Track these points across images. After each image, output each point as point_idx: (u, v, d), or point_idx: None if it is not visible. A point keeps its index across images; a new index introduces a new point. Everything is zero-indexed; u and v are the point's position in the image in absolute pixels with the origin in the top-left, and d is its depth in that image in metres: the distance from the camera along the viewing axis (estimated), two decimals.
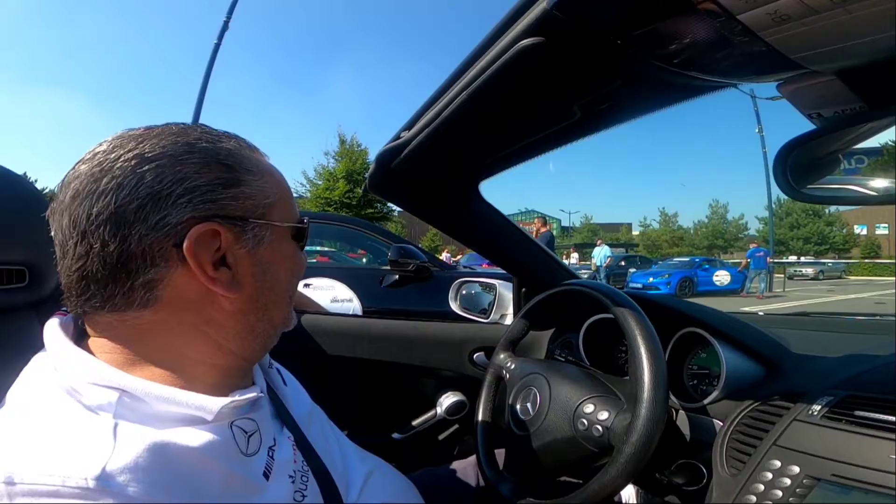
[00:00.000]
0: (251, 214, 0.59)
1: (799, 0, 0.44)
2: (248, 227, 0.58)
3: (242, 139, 0.64)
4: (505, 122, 0.86)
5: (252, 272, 0.59)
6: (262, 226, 0.60)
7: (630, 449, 0.75)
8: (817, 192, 0.72)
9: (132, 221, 0.51)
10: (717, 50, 0.56)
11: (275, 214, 0.62)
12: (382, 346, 1.51)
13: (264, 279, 0.61)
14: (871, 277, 29.68)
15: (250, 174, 0.60)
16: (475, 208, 1.28)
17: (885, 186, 0.65)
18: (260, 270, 0.60)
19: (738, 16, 0.48)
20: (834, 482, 0.66)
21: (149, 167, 0.52)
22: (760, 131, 18.31)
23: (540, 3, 0.54)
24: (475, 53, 0.68)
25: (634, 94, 0.72)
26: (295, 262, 0.66)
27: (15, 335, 0.79)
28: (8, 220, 0.78)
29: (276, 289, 0.63)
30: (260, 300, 0.61)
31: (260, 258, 0.60)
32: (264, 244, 0.60)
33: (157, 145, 0.54)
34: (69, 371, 0.52)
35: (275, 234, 0.61)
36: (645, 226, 50.54)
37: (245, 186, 0.59)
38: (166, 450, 0.48)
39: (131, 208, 0.51)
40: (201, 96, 12.12)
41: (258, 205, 0.60)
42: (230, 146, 0.60)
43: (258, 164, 0.62)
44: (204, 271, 0.54)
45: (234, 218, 0.57)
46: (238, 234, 0.57)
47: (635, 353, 0.82)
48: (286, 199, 0.64)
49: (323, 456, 0.70)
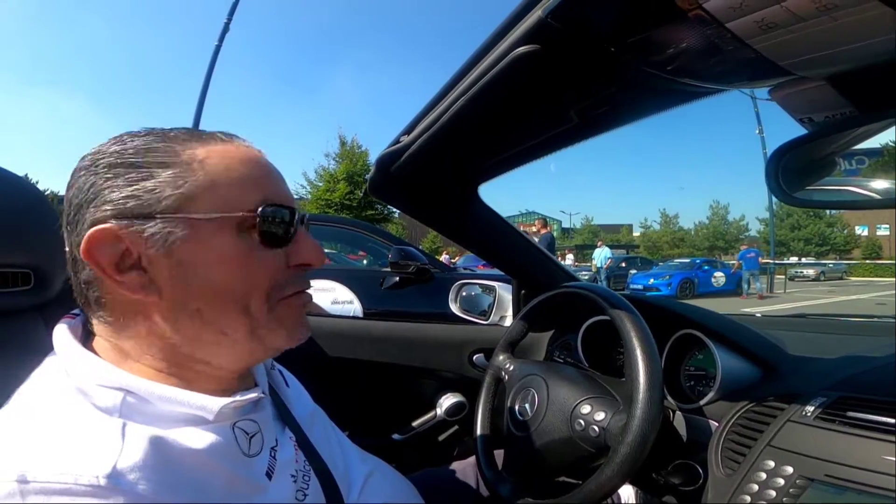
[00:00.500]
0: (156, 210, 0.53)
1: (785, 8, 0.44)
2: (153, 225, 0.53)
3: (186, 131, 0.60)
4: (503, 126, 0.87)
5: (171, 275, 0.54)
6: (172, 221, 0.54)
7: (626, 449, 0.76)
8: (814, 194, 0.72)
9: (71, 229, 0.55)
10: (708, 57, 0.57)
11: (198, 206, 0.54)
12: (383, 347, 1.52)
13: (189, 283, 0.55)
14: (872, 278, 29.62)
15: (162, 167, 0.55)
16: (475, 211, 1.29)
17: (885, 188, 0.65)
18: (181, 273, 0.54)
19: (727, 24, 0.49)
20: (827, 482, 0.66)
21: (79, 177, 0.55)
22: (761, 132, 18.27)
23: (535, 11, 0.56)
24: (472, 60, 0.69)
25: (630, 100, 0.73)
26: (244, 262, 0.56)
27: (21, 337, 0.79)
28: (14, 224, 0.78)
29: (210, 295, 0.55)
30: (189, 307, 0.55)
31: (180, 259, 0.54)
32: (182, 242, 0.54)
33: (88, 154, 0.57)
34: (78, 373, 0.52)
35: (198, 229, 0.55)
36: (646, 227, 50.47)
37: (149, 180, 0.54)
38: (171, 450, 0.49)
39: (70, 216, 0.55)
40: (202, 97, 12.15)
41: (164, 197, 0.54)
42: (142, 141, 0.56)
43: (182, 154, 0.56)
44: (107, 274, 0.53)
45: (134, 216, 0.53)
46: (140, 233, 0.53)
47: (631, 355, 0.83)
48: (223, 186, 0.56)
49: (325, 456, 0.71)
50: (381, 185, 1.15)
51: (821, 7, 0.43)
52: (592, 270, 18.42)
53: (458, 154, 1.02)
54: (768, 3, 0.44)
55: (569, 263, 22.30)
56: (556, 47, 0.59)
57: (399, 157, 1.00)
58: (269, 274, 0.58)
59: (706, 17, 0.48)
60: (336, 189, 23.07)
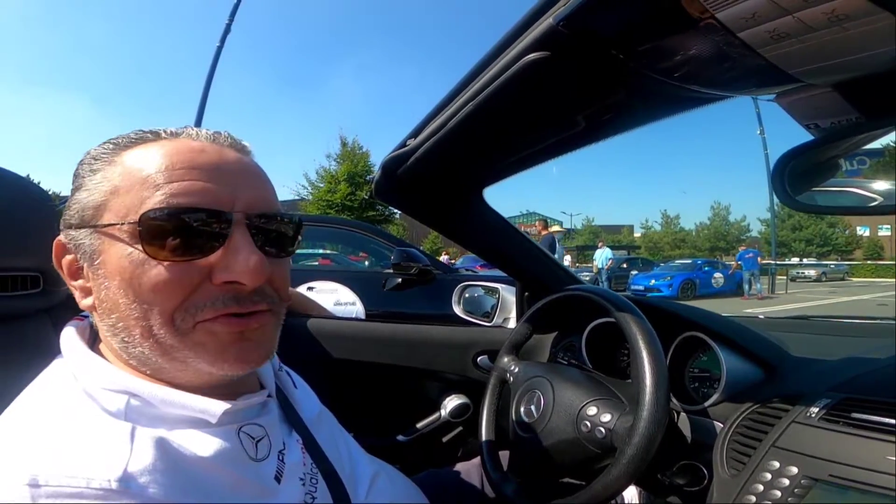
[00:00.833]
0: (78, 220, 0.54)
1: (797, 19, 0.45)
2: (80, 235, 0.54)
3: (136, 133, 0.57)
4: (510, 131, 0.88)
5: (95, 287, 0.54)
6: (89, 231, 0.53)
7: (632, 450, 0.77)
8: (818, 197, 0.73)
9: None
10: (717, 65, 0.58)
11: (104, 215, 0.52)
12: (387, 349, 1.53)
13: (103, 298, 0.53)
14: (874, 279, 29.56)
15: (91, 174, 0.54)
16: (479, 214, 1.30)
17: (886, 189, 0.65)
18: (98, 286, 0.54)
19: (739, 34, 0.49)
20: (831, 482, 0.67)
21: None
22: (762, 132, 18.28)
23: (545, 18, 0.56)
24: (481, 65, 0.70)
25: (637, 105, 0.74)
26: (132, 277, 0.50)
27: (30, 339, 0.81)
28: (23, 227, 0.79)
29: (118, 312, 0.52)
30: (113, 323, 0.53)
31: (97, 270, 0.53)
32: (97, 253, 0.53)
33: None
34: (84, 376, 0.53)
35: (103, 239, 0.52)
36: (647, 228, 50.37)
37: (82, 191, 0.54)
38: (178, 453, 0.50)
39: None
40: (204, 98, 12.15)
41: (84, 207, 0.53)
42: (96, 151, 0.56)
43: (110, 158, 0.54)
44: (68, 281, 0.57)
45: (70, 227, 0.55)
46: (77, 245, 0.54)
47: (637, 357, 0.84)
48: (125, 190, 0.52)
49: (331, 458, 0.71)
50: (386, 188, 1.16)
51: (832, 18, 0.44)
52: (594, 271, 18.39)
53: (465, 158, 1.03)
54: (781, 13, 0.45)
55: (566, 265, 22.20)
56: (566, 54, 0.60)
57: (405, 160, 1.01)
58: (172, 292, 0.51)
59: (717, 26, 0.49)
60: (337, 190, 23.00)
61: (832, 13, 0.44)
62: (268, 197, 0.58)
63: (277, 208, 0.59)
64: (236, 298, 0.53)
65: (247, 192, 0.55)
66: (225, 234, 0.52)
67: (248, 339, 0.54)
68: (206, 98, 12.16)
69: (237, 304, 0.53)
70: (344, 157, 24.00)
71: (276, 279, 0.57)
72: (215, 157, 0.55)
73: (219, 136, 0.58)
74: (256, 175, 0.59)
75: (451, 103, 0.80)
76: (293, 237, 0.60)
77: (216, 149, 0.56)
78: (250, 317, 0.54)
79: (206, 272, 0.52)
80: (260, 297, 0.55)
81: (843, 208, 0.71)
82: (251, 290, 0.53)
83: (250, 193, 0.55)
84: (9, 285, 0.79)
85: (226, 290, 0.52)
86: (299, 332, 1.48)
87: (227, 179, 0.54)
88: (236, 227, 0.53)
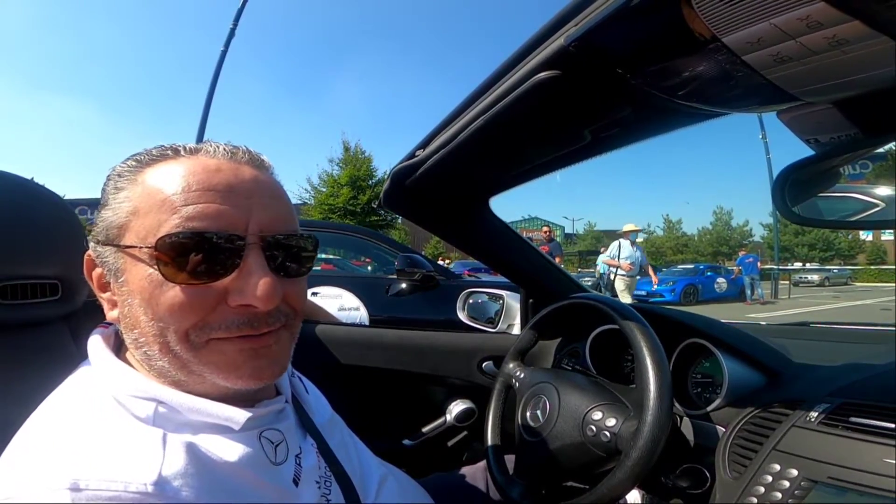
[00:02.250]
0: (108, 238, 0.55)
1: (799, 43, 0.47)
2: (106, 253, 0.56)
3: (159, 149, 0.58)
4: (519, 145, 0.90)
5: (119, 302, 0.56)
6: (114, 250, 0.55)
7: (637, 453, 0.79)
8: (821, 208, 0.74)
9: None
10: (720, 85, 0.60)
11: (127, 236, 0.54)
12: (394, 355, 1.54)
13: (126, 314, 0.56)
14: (877, 283, 29.41)
15: (116, 192, 0.55)
16: (486, 223, 1.32)
17: (889, 195, 0.67)
18: (122, 303, 0.56)
19: (743, 56, 0.51)
20: (830, 484, 0.69)
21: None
22: (764, 137, 18.24)
23: (556, 39, 0.58)
24: (491, 80, 0.72)
25: (642, 121, 0.76)
26: (151, 298, 0.52)
27: (49, 346, 0.82)
28: (42, 237, 0.81)
29: (139, 326, 0.54)
30: (136, 338, 0.55)
31: (121, 287, 0.55)
32: (120, 272, 0.55)
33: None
34: (113, 383, 0.54)
35: (125, 259, 0.54)
36: (649, 233, 50.23)
37: (108, 208, 0.56)
38: (207, 458, 0.52)
39: None
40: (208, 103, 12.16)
41: (108, 227, 0.55)
42: (122, 168, 0.57)
43: (134, 177, 0.55)
44: (98, 293, 0.60)
45: (97, 243, 0.57)
46: (104, 261, 0.57)
47: (641, 364, 0.86)
48: (144, 212, 0.53)
49: (343, 461, 0.73)
50: (395, 197, 1.18)
51: (832, 42, 0.46)
52: (596, 276, 18.27)
53: (473, 170, 1.05)
54: (784, 38, 0.47)
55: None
56: (576, 73, 0.62)
57: (414, 171, 1.03)
58: (187, 313, 0.52)
59: (722, 48, 0.51)
60: (339, 194, 22.97)
61: (833, 37, 0.46)
62: (283, 216, 0.58)
63: (294, 227, 0.59)
64: (250, 321, 0.54)
65: (261, 212, 0.55)
66: (239, 256, 0.53)
67: (261, 357, 0.55)
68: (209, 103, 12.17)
69: (250, 327, 0.54)
70: (346, 161, 23.99)
71: (291, 297, 0.58)
72: (231, 176, 0.55)
73: (237, 151, 0.58)
74: (272, 193, 0.58)
75: (460, 117, 0.82)
76: (310, 255, 0.61)
77: (232, 167, 0.56)
78: (264, 336, 0.55)
79: (222, 294, 0.53)
80: (274, 318, 0.56)
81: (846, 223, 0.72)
82: (265, 313, 0.54)
83: (265, 214, 0.55)
84: (28, 293, 0.80)
85: (240, 313, 0.53)
86: (308, 339, 1.49)
87: (242, 201, 0.54)
88: (250, 250, 0.53)
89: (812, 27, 0.45)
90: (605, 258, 9.47)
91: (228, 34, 12.39)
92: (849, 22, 0.43)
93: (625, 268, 9.15)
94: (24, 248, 0.79)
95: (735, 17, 0.46)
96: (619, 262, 9.18)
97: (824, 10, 0.42)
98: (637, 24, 0.52)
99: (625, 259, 9.15)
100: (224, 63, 12.47)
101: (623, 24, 0.52)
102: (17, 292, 0.78)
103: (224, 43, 12.43)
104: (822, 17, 0.43)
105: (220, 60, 12.47)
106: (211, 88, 12.32)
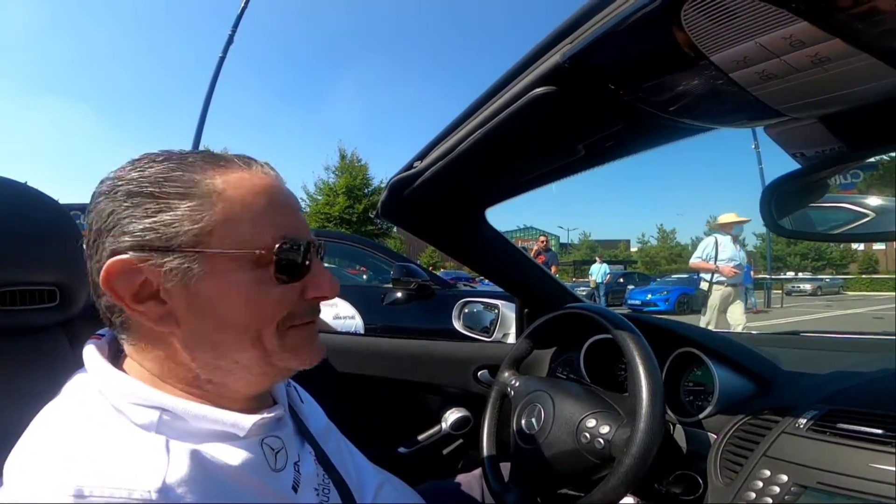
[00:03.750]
0: (174, 244, 0.53)
1: (784, 62, 0.50)
2: (171, 259, 0.53)
3: (205, 156, 0.59)
4: (515, 157, 0.92)
5: (189, 308, 0.55)
6: (190, 256, 0.54)
7: (630, 460, 0.80)
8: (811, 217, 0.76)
9: (91, 254, 0.56)
10: (709, 101, 0.62)
11: (215, 241, 0.54)
12: (389, 363, 1.55)
13: (205, 317, 0.55)
14: (869, 293, 29.58)
15: (181, 198, 0.54)
16: (481, 233, 1.34)
17: (879, 204, 0.68)
18: (199, 307, 0.55)
19: (730, 74, 0.54)
20: (819, 489, 0.70)
21: (99, 202, 0.55)
22: (756, 147, 18.34)
23: (552, 55, 0.61)
24: (488, 94, 0.74)
25: (635, 135, 0.78)
26: (257, 298, 0.56)
27: (45, 353, 0.81)
28: (40, 241, 0.80)
29: (225, 329, 0.56)
30: (206, 339, 0.56)
31: (197, 293, 0.54)
32: (200, 277, 0.54)
33: (107, 179, 0.56)
34: (112, 392, 0.54)
35: (214, 264, 0.54)
36: (643, 242, 50.35)
37: (168, 213, 0.53)
38: (210, 464, 0.52)
39: (91, 241, 0.56)
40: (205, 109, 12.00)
41: (183, 232, 0.53)
42: (161, 169, 0.56)
43: (200, 184, 0.55)
44: (126, 304, 0.54)
45: (153, 250, 0.53)
46: (159, 267, 0.53)
47: (634, 373, 0.87)
48: (238, 221, 0.55)
49: (340, 469, 0.73)
50: (392, 208, 1.19)
51: (815, 60, 0.48)
52: (591, 286, 18.31)
53: (470, 181, 1.06)
54: (769, 56, 0.49)
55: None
56: (571, 89, 0.64)
57: (412, 182, 1.04)
58: (283, 307, 0.58)
59: (710, 66, 0.53)
60: (335, 203, 22.94)
61: (815, 56, 0.48)
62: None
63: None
64: (314, 310, 0.64)
65: (304, 221, 0.64)
66: (310, 258, 0.60)
67: (315, 339, 0.65)
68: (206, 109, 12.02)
69: (314, 315, 0.64)
70: (342, 169, 23.96)
71: None
72: (287, 192, 0.62)
73: (271, 167, 0.63)
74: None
75: (458, 129, 0.84)
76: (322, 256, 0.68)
77: (281, 183, 0.62)
78: (315, 322, 0.64)
79: (301, 289, 0.60)
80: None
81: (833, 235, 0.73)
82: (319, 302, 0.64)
83: (305, 222, 0.64)
84: (27, 299, 0.79)
85: (313, 304, 0.63)
86: None
87: (299, 213, 0.63)
88: (314, 253, 0.61)
89: (795, 45, 0.47)
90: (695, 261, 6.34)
91: (227, 40, 12.28)
92: (830, 40, 0.45)
93: (727, 273, 6.11)
94: (22, 254, 0.78)
95: (723, 37, 0.48)
96: (718, 265, 6.14)
97: (807, 29, 0.44)
98: (630, 43, 0.54)
99: (726, 261, 6.15)
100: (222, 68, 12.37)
101: (616, 42, 0.54)
102: (16, 298, 0.78)
103: (222, 49, 12.34)
104: (804, 36, 0.45)
105: (219, 66, 12.36)
106: (208, 94, 12.20)
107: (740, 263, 6.24)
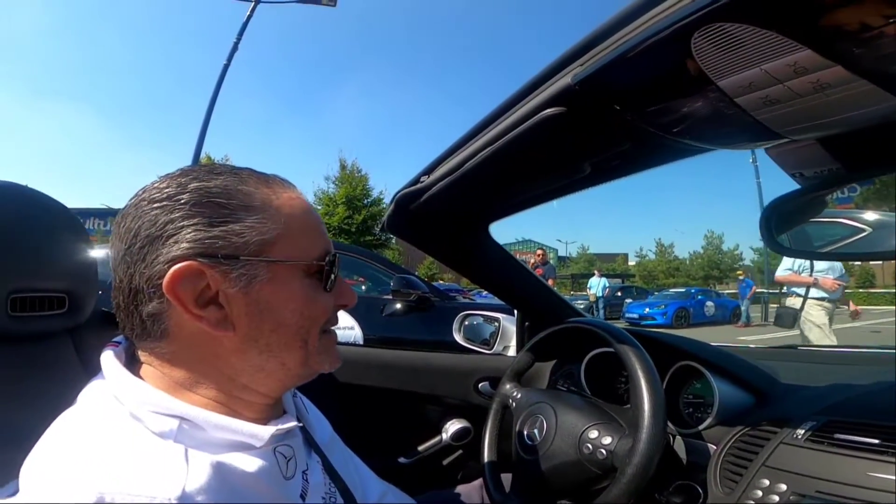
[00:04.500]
0: (241, 252, 0.57)
1: (786, 87, 0.52)
2: (238, 266, 0.57)
3: (252, 173, 0.63)
4: (522, 175, 0.94)
5: (247, 312, 0.58)
6: (255, 264, 0.57)
7: (632, 470, 0.82)
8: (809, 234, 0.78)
9: (136, 260, 0.56)
10: (713, 123, 0.64)
11: (276, 251, 0.59)
12: (390, 374, 1.56)
13: (263, 320, 0.58)
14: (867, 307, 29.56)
15: (246, 210, 0.58)
16: (485, 248, 1.36)
17: (876, 219, 0.70)
18: (257, 311, 0.58)
19: (735, 99, 0.56)
20: (818, 498, 0.72)
21: (151, 210, 0.56)
22: (754, 161, 18.43)
23: (562, 77, 0.63)
24: (497, 112, 0.76)
25: (640, 154, 0.80)
26: (309, 303, 0.61)
27: (53, 359, 0.82)
28: (50, 248, 0.81)
29: (280, 331, 0.59)
30: (261, 341, 0.59)
31: (256, 297, 0.58)
32: (261, 283, 0.58)
33: (162, 188, 0.57)
34: (130, 400, 0.55)
35: (275, 272, 0.59)
36: (641, 256, 50.20)
37: (236, 223, 0.57)
38: (228, 472, 0.53)
39: (136, 248, 0.56)
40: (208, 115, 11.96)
41: (251, 242, 0.57)
42: (224, 183, 0.59)
43: (261, 199, 0.60)
44: (187, 309, 0.55)
45: (220, 256, 0.56)
46: (226, 273, 0.56)
47: (636, 385, 0.89)
48: (296, 234, 0.61)
49: (346, 479, 0.74)
50: (398, 223, 1.20)
51: (816, 86, 0.51)
52: (590, 300, 18.27)
53: (476, 197, 1.08)
54: (773, 82, 0.51)
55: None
56: (580, 110, 0.66)
57: (418, 197, 1.06)
58: (325, 313, 0.64)
59: (716, 91, 0.55)
60: (335, 213, 22.79)
61: (817, 82, 0.50)
62: None
63: None
64: (336, 318, 0.68)
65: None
66: (336, 270, 0.66)
67: (335, 345, 0.69)
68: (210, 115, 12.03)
69: (336, 321, 0.69)
70: (342, 179, 23.82)
71: None
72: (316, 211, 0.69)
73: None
74: None
75: (466, 146, 0.86)
76: None
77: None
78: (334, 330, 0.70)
79: (334, 297, 0.66)
80: None
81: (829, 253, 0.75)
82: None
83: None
84: (36, 305, 0.79)
85: (337, 311, 0.68)
86: None
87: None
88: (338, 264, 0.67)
89: (798, 72, 0.49)
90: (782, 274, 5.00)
91: (232, 48, 12.27)
92: (832, 67, 0.47)
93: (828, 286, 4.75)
94: (32, 260, 0.79)
95: (730, 64, 0.51)
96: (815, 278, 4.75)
97: (810, 56, 0.46)
98: (640, 67, 0.56)
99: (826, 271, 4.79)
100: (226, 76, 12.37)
101: (627, 66, 0.56)
102: (26, 304, 0.78)
103: (227, 56, 12.34)
104: (808, 63, 0.48)
105: (223, 73, 12.35)
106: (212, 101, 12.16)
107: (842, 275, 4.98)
